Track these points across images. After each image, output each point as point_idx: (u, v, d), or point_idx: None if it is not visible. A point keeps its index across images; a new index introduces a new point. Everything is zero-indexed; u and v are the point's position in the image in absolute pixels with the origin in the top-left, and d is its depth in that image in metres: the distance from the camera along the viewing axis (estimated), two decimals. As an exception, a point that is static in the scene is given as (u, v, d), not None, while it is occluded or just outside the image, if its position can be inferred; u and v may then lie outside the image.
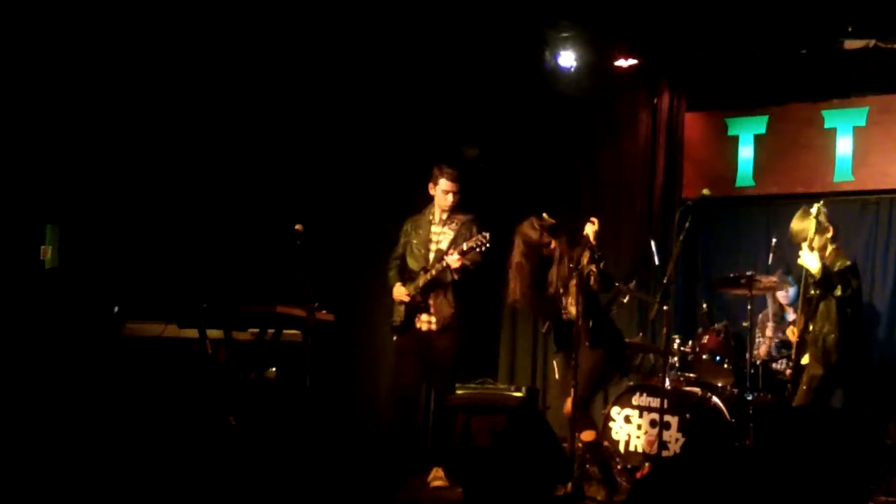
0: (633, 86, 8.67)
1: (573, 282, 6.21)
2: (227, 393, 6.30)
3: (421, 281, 6.86)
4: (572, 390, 6.12)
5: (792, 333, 6.85)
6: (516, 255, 6.44)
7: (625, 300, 7.61)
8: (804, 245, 6.42)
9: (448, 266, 6.74)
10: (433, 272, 6.80)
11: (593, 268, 6.21)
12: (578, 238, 6.30)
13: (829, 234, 6.54)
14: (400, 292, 6.94)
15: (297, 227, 6.31)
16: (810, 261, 6.39)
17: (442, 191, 6.91)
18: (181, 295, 6.76)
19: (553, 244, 6.40)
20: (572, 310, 6.22)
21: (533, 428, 6.24)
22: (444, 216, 6.96)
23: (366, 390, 8.08)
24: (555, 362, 6.92)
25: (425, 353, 6.90)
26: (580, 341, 6.13)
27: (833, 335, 6.43)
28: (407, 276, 6.97)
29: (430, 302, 6.88)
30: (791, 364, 6.88)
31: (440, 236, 6.95)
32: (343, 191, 8.14)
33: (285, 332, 6.54)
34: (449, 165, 6.92)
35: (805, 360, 6.61)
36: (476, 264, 6.82)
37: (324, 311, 6.43)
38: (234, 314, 6.41)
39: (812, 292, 6.51)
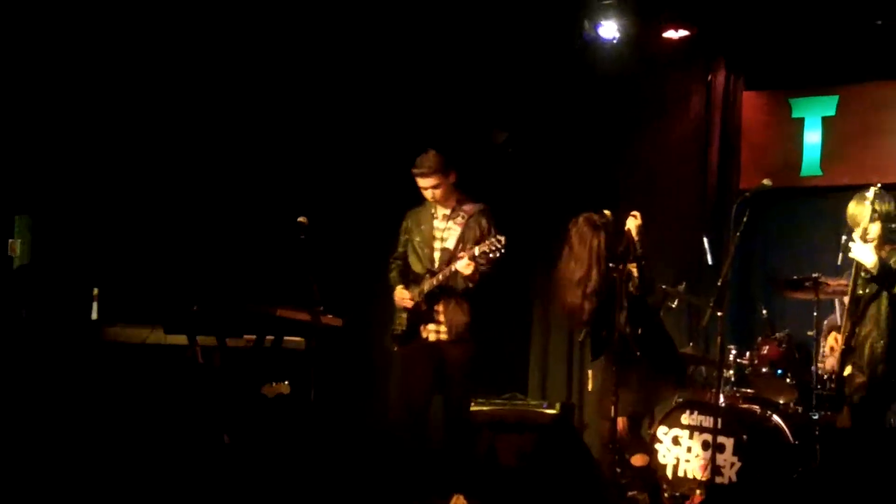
0: (683, 61, 8.31)
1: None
2: (220, 408, 6.05)
3: (426, 286, 6.58)
4: (620, 408, 6.04)
5: (835, 340, 6.41)
6: (577, 266, 6.21)
7: (673, 305, 7.33)
8: (856, 236, 6.01)
9: (458, 272, 6.39)
10: (440, 277, 6.48)
11: (633, 268, 6.09)
12: (619, 234, 6.22)
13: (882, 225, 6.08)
14: (403, 296, 6.65)
15: (301, 219, 6.04)
16: (865, 254, 5.93)
17: (421, 189, 6.57)
18: (168, 295, 6.66)
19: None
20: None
21: (567, 448, 5.98)
22: (448, 210, 6.62)
23: (377, 404, 7.98)
24: (590, 372, 6.78)
25: (436, 364, 6.62)
26: (625, 351, 5.99)
27: (882, 342, 6.00)
28: (411, 279, 6.72)
29: (439, 309, 6.59)
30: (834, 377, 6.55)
31: (445, 233, 6.64)
32: (353, 183, 8.02)
33: (287, 338, 6.29)
34: (419, 159, 6.55)
35: (848, 370, 6.19)
36: (495, 267, 6.45)
37: (330, 316, 6.16)
38: (229, 318, 6.15)
39: (861, 292, 6.09)
